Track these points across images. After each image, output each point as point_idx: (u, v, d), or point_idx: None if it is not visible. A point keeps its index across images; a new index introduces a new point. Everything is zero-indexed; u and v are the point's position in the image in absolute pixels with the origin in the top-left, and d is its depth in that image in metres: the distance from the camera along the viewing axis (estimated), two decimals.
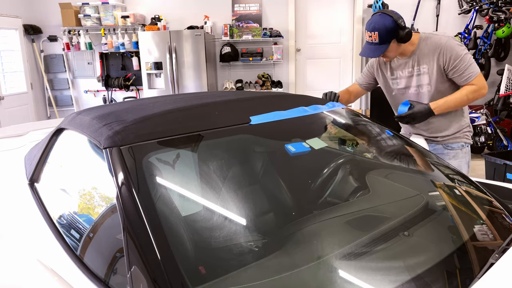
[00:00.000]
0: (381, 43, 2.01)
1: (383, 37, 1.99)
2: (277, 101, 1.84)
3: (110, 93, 6.21)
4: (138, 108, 1.53)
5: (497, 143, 4.86)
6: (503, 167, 3.24)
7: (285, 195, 1.47)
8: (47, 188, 1.65)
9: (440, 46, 2.05)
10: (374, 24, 2.00)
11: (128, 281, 0.96)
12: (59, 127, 1.74)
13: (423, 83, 2.14)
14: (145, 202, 1.09)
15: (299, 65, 6.07)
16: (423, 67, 2.11)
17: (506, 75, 4.79)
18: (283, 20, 5.85)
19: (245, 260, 1.11)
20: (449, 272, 1.12)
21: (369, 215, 1.38)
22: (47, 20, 6.04)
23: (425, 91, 2.15)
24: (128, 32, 5.83)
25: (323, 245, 1.19)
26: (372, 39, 2.02)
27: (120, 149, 1.22)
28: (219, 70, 6.06)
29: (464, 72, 2.02)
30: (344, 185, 1.56)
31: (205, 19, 5.74)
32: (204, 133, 1.40)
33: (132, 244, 0.99)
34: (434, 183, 1.58)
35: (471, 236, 1.24)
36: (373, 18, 2.03)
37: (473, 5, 5.24)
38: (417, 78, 2.15)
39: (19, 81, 5.71)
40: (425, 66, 2.10)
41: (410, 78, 2.17)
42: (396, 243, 1.19)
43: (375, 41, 2.01)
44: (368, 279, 1.06)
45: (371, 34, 2.01)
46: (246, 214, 1.28)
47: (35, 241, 1.42)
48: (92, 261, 1.18)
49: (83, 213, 1.40)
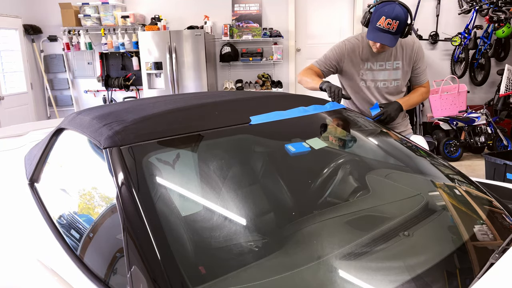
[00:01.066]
0: (397, 33, 1.98)
1: (401, 28, 1.97)
2: (277, 101, 1.84)
3: (110, 93, 6.21)
4: (138, 108, 1.53)
5: (497, 143, 4.86)
6: (503, 167, 3.24)
7: (285, 195, 1.47)
8: (47, 188, 1.65)
9: (414, 45, 2.17)
10: (397, 13, 1.94)
11: (128, 281, 0.96)
12: (59, 127, 1.74)
13: (393, 78, 2.20)
14: (145, 202, 1.09)
15: (299, 65, 6.07)
16: (397, 62, 2.16)
17: (506, 75, 4.79)
18: (283, 20, 5.84)
19: (245, 260, 1.11)
20: (449, 272, 1.12)
21: (369, 215, 1.38)
22: (47, 20, 6.04)
23: (394, 86, 2.21)
24: (128, 32, 5.83)
25: (323, 245, 1.19)
26: (391, 27, 1.95)
27: (120, 149, 1.22)
28: (219, 70, 6.06)
29: (423, 74, 2.25)
30: (344, 185, 1.56)
31: (205, 19, 5.74)
32: (204, 133, 1.40)
33: (132, 244, 0.99)
34: (434, 183, 1.58)
35: (471, 236, 1.24)
36: (394, 7, 1.96)
37: (473, 5, 5.24)
38: (389, 72, 2.19)
39: (19, 81, 5.71)
40: (399, 62, 2.16)
41: (380, 72, 2.19)
42: (396, 243, 1.19)
43: (393, 30, 1.96)
44: (368, 279, 1.06)
45: (392, 22, 1.94)
46: (246, 214, 1.28)
47: (35, 241, 1.42)
48: (92, 261, 1.18)
49: (83, 213, 1.40)
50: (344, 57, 2.25)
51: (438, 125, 5.18)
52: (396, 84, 2.21)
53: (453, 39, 5.33)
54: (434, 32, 5.54)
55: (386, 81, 2.20)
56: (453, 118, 4.92)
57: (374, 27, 2.00)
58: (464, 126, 4.90)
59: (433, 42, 5.57)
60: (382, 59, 2.18)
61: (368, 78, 2.22)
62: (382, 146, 1.86)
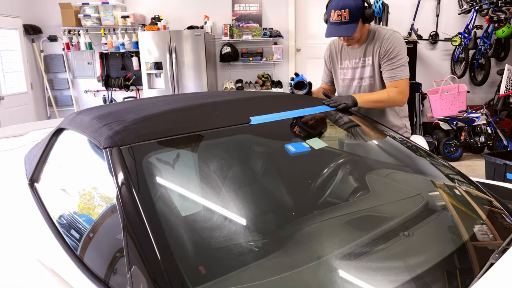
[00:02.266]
0: (351, 21, 1.94)
1: (354, 14, 1.93)
2: (277, 101, 1.84)
3: (110, 93, 6.21)
4: (138, 108, 1.53)
5: (497, 143, 4.86)
6: (503, 167, 3.24)
7: (285, 195, 1.47)
8: (47, 188, 1.65)
9: (383, 37, 2.04)
10: (344, 2, 1.93)
11: (128, 281, 0.96)
12: (59, 127, 1.74)
13: (365, 76, 2.12)
14: (145, 202, 1.09)
15: (299, 65, 6.07)
16: (368, 58, 2.09)
17: (506, 75, 4.79)
18: (283, 20, 5.84)
19: (245, 260, 1.11)
20: (449, 272, 1.12)
21: (369, 215, 1.38)
22: (47, 20, 6.04)
23: (367, 84, 2.13)
24: (128, 32, 5.83)
25: (323, 245, 1.19)
26: (342, 17, 1.93)
27: (120, 149, 1.22)
28: (219, 70, 6.06)
29: (393, 69, 2.01)
30: (344, 185, 1.56)
31: (205, 19, 5.74)
32: (204, 133, 1.40)
33: (132, 244, 0.99)
34: (434, 183, 1.58)
35: (471, 236, 1.24)
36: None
37: (473, 5, 5.24)
38: (361, 70, 2.13)
39: (19, 81, 5.71)
40: (369, 58, 2.09)
41: (355, 70, 2.15)
42: (396, 243, 1.19)
43: (345, 20, 1.94)
44: (368, 279, 1.06)
45: (340, 12, 1.93)
46: (246, 214, 1.28)
47: (35, 241, 1.42)
48: (92, 261, 1.18)
49: (83, 213, 1.40)
50: (329, 61, 2.30)
51: (438, 125, 5.18)
52: (369, 82, 2.13)
53: (453, 39, 5.33)
54: (434, 32, 5.54)
55: (361, 79, 2.14)
56: (453, 118, 4.92)
57: (329, 23, 2.01)
58: (464, 126, 4.90)
59: (433, 42, 5.57)
60: (355, 57, 2.14)
61: (346, 77, 2.21)
62: (382, 146, 1.86)
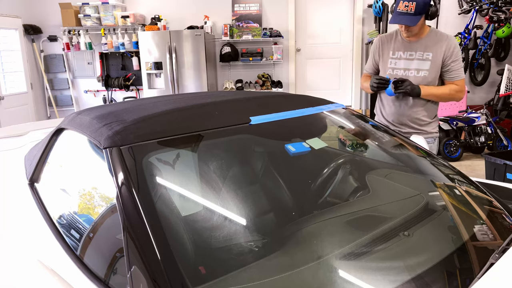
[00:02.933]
0: (416, 13, 2.09)
1: (420, 8, 2.08)
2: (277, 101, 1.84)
3: (110, 93, 6.21)
4: (138, 108, 1.53)
5: (497, 143, 4.86)
6: (503, 167, 3.24)
7: (285, 195, 1.47)
8: (47, 188, 1.65)
9: (449, 39, 2.23)
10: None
11: (128, 281, 0.96)
12: (59, 127, 1.74)
13: (423, 69, 2.26)
14: (145, 202, 1.08)
15: (299, 65, 6.07)
16: (427, 53, 2.24)
17: (506, 75, 4.79)
18: (283, 20, 5.85)
19: (245, 260, 1.11)
20: (449, 272, 1.12)
21: (369, 215, 1.38)
22: (47, 20, 6.04)
23: (422, 76, 2.26)
24: (128, 32, 5.83)
25: (323, 245, 1.19)
26: (408, 9, 2.09)
27: (120, 149, 1.22)
28: (219, 70, 6.07)
29: (455, 71, 2.24)
30: (344, 185, 1.56)
31: (205, 19, 5.74)
32: (204, 133, 1.40)
33: (132, 244, 0.99)
34: (434, 183, 1.58)
35: (471, 236, 1.24)
36: None
37: (473, 5, 5.24)
38: (418, 62, 2.26)
39: (19, 81, 5.71)
40: (430, 53, 2.23)
41: (410, 61, 2.28)
42: (396, 243, 1.19)
43: (411, 11, 2.09)
44: (368, 279, 1.06)
45: (408, 4, 2.08)
46: (246, 214, 1.28)
47: (35, 241, 1.42)
48: (92, 261, 1.18)
49: (83, 213, 1.40)
50: (377, 51, 2.43)
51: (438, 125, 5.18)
52: (423, 75, 2.26)
53: None
54: None
55: (414, 70, 2.27)
56: (453, 118, 4.92)
57: (395, 12, 2.17)
58: (464, 126, 4.90)
59: None
60: (413, 49, 2.27)
61: (396, 67, 2.33)
62: (382, 146, 1.86)
